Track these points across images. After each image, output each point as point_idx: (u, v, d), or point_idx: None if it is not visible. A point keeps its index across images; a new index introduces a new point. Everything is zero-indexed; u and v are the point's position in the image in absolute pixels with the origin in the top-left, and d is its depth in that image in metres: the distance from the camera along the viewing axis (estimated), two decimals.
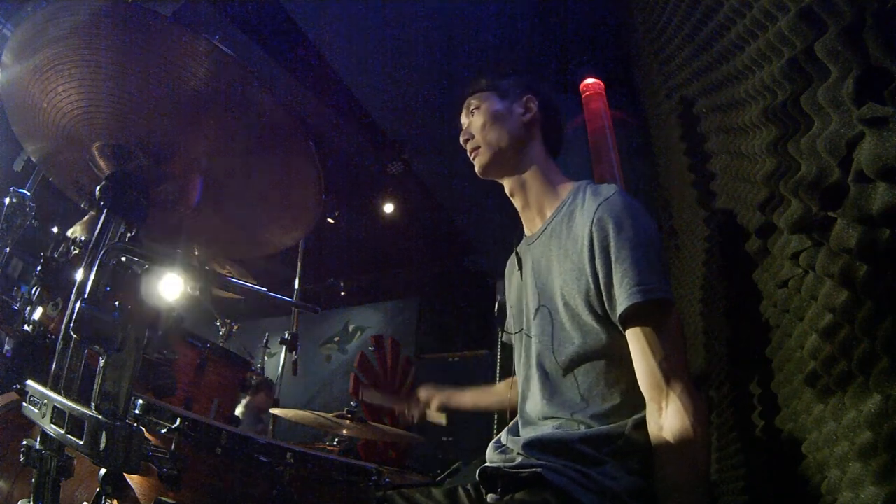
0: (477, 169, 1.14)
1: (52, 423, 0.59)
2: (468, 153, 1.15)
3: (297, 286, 2.63)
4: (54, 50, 0.66)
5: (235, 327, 2.42)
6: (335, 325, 6.23)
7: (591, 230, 0.95)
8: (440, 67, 3.51)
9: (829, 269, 0.65)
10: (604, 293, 0.93)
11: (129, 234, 0.70)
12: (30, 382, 0.65)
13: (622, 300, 0.90)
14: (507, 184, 1.15)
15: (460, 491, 1.03)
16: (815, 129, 0.65)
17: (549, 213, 1.11)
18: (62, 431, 0.57)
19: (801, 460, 0.81)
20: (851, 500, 0.63)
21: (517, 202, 1.16)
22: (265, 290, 0.81)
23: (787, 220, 0.76)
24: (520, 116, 1.13)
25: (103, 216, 0.69)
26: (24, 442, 0.64)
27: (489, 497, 0.98)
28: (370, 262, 5.93)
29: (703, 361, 1.60)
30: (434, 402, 1.38)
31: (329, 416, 1.75)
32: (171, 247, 1.04)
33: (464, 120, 1.18)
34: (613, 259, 0.92)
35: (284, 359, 2.59)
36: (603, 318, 0.95)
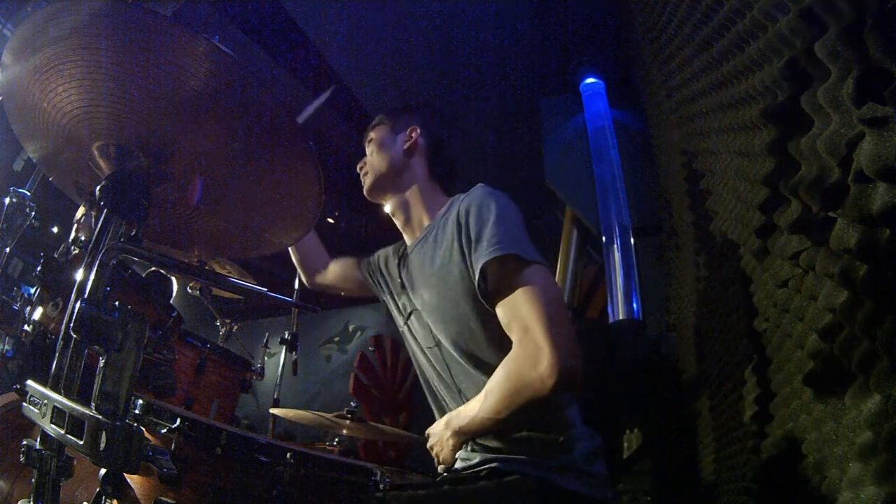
0: (364, 191, 1.27)
1: (52, 423, 0.59)
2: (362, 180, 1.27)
3: (297, 286, 2.63)
4: (54, 50, 0.66)
5: (235, 327, 2.41)
6: (335, 325, 6.22)
7: (457, 218, 1.04)
8: (440, 67, 3.51)
9: (829, 269, 0.65)
10: (469, 270, 0.98)
11: (129, 234, 0.70)
12: (30, 382, 0.65)
13: (478, 264, 0.94)
14: (389, 204, 1.26)
15: None
16: (815, 129, 0.65)
17: (427, 225, 1.19)
18: (62, 431, 0.57)
19: (801, 460, 0.81)
20: (851, 500, 0.63)
21: (398, 220, 1.26)
22: (265, 290, 0.81)
23: (787, 220, 0.76)
24: (401, 143, 1.25)
25: (103, 216, 0.69)
26: (24, 442, 0.64)
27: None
28: None
29: (703, 361, 1.60)
30: None
31: (329, 416, 1.75)
32: (172, 247, 1.04)
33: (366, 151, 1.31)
34: (473, 236, 0.98)
35: (284, 359, 2.58)
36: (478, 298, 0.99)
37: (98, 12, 0.63)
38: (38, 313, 1.11)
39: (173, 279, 1.82)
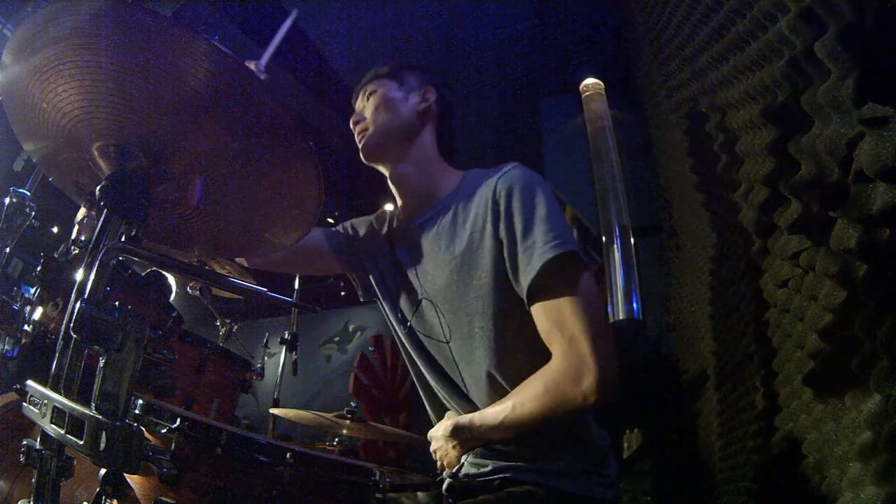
0: (361, 152, 1.09)
1: (52, 423, 0.59)
2: (356, 137, 1.09)
3: (297, 286, 2.63)
4: (54, 50, 0.65)
5: (235, 327, 2.41)
6: (335, 325, 6.22)
7: (492, 198, 0.94)
8: (440, 67, 3.51)
9: (829, 269, 0.65)
10: (507, 261, 0.91)
11: (129, 235, 0.70)
12: (30, 382, 0.65)
13: (535, 259, 0.86)
14: (390, 171, 1.09)
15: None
16: (815, 129, 0.65)
17: (437, 200, 1.06)
18: (62, 431, 0.57)
19: (801, 460, 0.81)
20: (851, 500, 0.63)
21: (400, 192, 1.10)
22: (265, 290, 0.81)
23: (787, 220, 0.76)
24: (415, 105, 1.09)
25: (103, 216, 0.69)
26: (24, 442, 0.64)
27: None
28: None
29: (704, 361, 1.60)
30: None
31: (329, 416, 1.75)
32: (172, 247, 1.04)
33: (358, 105, 1.13)
34: (519, 226, 0.90)
35: (284, 359, 2.59)
36: (511, 293, 0.91)
37: (98, 12, 0.63)
38: (38, 313, 1.11)
39: (171, 279, 1.82)
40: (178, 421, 0.78)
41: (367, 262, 1.16)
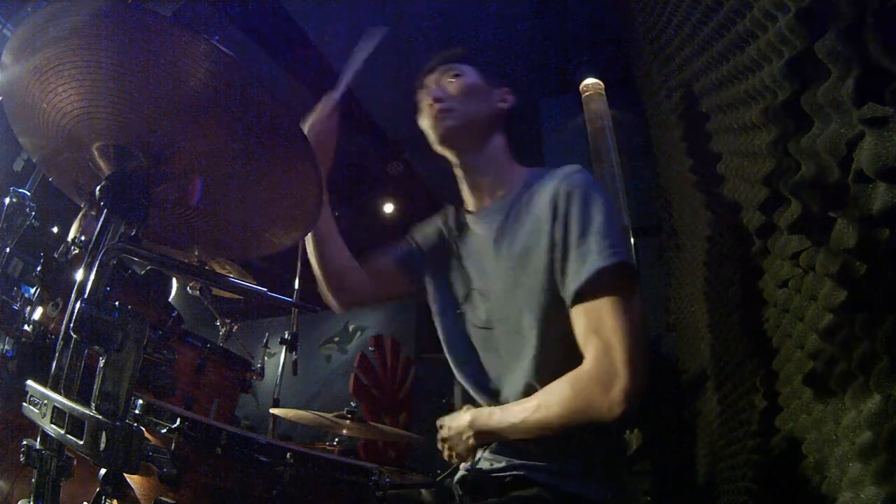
0: (441, 130, 1.06)
1: (52, 423, 0.59)
2: (435, 113, 1.06)
3: (297, 286, 2.63)
4: (54, 50, 0.65)
5: (235, 327, 2.41)
6: (335, 325, 6.22)
7: (553, 201, 0.94)
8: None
9: (829, 269, 0.65)
10: (559, 263, 0.91)
11: (129, 235, 0.70)
12: (30, 382, 0.65)
13: (588, 265, 0.87)
14: (462, 158, 1.10)
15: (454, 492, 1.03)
16: (815, 129, 0.65)
17: (501, 194, 1.07)
18: (62, 431, 0.57)
19: (801, 460, 0.81)
20: (851, 500, 0.63)
21: (467, 180, 1.11)
22: (265, 290, 0.81)
23: (787, 220, 0.76)
24: (497, 101, 1.11)
25: (103, 216, 0.69)
26: (24, 442, 0.64)
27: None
28: None
29: (704, 361, 1.60)
30: None
31: (329, 416, 1.75)
32: (172, 247, 1.04)
33: (433, 80, 1.12)
34: (575, 230, 0.90)
35: (284, 359, 2.59)
36: (560, 295, 0.92)
37: (98, 12, 0.63)
38: (38, 313, 1.11)
39: (172, 278, 1.82)
40: (178, 421, 0.78)
41: (429, 256, 1.17)
